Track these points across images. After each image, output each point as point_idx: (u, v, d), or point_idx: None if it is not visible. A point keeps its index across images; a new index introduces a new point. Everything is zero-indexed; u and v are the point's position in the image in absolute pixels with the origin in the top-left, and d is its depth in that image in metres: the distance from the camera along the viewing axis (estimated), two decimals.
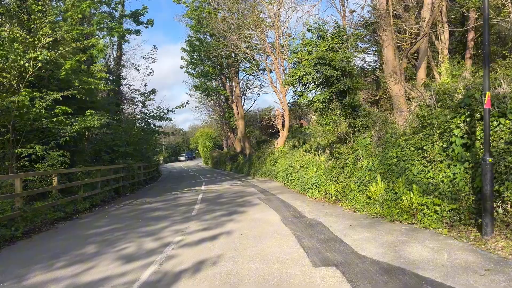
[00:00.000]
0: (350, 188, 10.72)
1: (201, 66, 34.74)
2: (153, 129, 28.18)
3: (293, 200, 12.89)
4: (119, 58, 28.38)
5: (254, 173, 27.99)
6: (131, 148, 23.76)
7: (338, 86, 12.49)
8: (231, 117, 36.95)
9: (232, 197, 14.43)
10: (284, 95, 25.61)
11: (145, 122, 27.86)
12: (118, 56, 28.35)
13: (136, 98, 28.30)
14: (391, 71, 14.60)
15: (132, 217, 10.71)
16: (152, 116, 28.03)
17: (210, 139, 60.50)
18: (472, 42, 21.36)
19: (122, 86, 28.82)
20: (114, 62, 28.34)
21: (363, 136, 11.61)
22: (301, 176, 16.36)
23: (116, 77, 28.18)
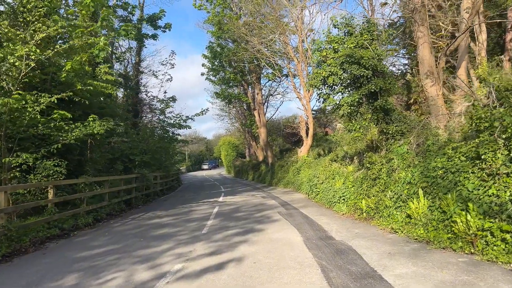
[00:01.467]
0: (385, 204, 9.19)
1: (222, 72, 33.82)
2: (171, 137, 27.25)
3: (318, 216, 11.44)
4: (138, 65, 27.71)
5: (276, 183, 26.58)
6: (148, 157, 22.86)
7: (369, 87, 11.03)
8: (253, 124, 35.74)
9: (250, 211, 13.08)
10: (308, 101, 24.21)
11: (164, 130, 26.96)
12: (136, 63, 27.69)
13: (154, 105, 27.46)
14: (428, 71, 13.04)
15: (135, 234, 9.52)
16: (170, 124, 27.13)
17: (232, 148, 59.50)
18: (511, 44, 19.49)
19: (141, 93, 28.09)
20: (132, 69, 27.68)
21: (398, 144, 10.07)
22: (326, 188, 14.86)
23: (134, 84, 27.50)
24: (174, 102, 29.07)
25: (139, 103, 28.53)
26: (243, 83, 34.29)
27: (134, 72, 27.70)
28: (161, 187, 23.42)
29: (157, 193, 21.98)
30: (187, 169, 75.06)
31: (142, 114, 29.33)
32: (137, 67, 27.71)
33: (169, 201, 18.82)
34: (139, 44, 27.14)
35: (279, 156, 36.46)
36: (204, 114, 27.89)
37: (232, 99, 35.54)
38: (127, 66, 27.99)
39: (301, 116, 26.43)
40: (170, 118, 27.22)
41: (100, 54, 9.49)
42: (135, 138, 23.41)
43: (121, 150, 21.83)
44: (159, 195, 22.04)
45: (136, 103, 27.93)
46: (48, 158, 9.95)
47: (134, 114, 27.79)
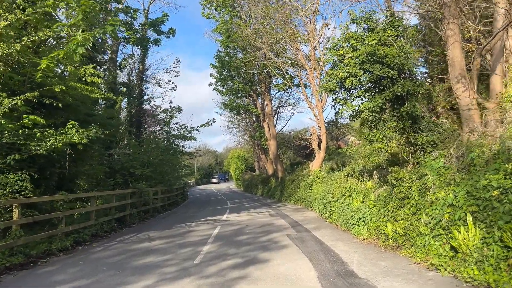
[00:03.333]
0: (418, 230, 7.45)
1: (231, 82, 32.47)
2: (176, 149, 25.81)
3: (334, 241, 9.72)
4: (142, 73, 26.47)
5: (286, 199, 24.83)
6: (150, 170, 21.39)
7: (394, 89, 9.41)
8: (262, 137, 34.15)
9: (255, 234, 11.40)
10: (321, 111, 22.58)
11: (168, 142, 25.54)
12: (140, 71, 26.45)
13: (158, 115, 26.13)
14: (459, 75, 11.41)
15: (113, 264, 7.91)
16: (174, 135, 25.71)
17: (242, 161, 57.90)
18: None
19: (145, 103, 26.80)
20: (136, 77, 26.46)
21: (432, 156, 8.35)
22: (342, 206, 13.11)
23: (138, 93, 26.26)
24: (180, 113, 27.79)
25: (143, 114, 27.24)
26: (252, 93, 32.87)
27: (137, 81, 26.46)
28: (162, 202, 21.85)
29: (157, 209, 20.41)
30: (196, 183, 73.54)
31: (146, 125, 28.01)
32: (141, 76, 26.48)
33: (168, 218, 17.21)
34: (143, 51, 25.98)
35: (290, 170, 34.73)
36: (210, 125, 26.42)
37: (240, 110, 34.08)
38: (131, 74, 26.79)
39: (313, 127, 24.81)
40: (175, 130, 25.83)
41: (78, 50, 8.06)
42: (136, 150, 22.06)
43: (121, 163, 20.47)
44: (159, 212, 20.47)
45: (140, 113, 26.65)
46: (17, 171, 8.48)
47: (137, 125, 26.52)
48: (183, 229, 12.99)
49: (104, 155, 21.37)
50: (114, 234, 12.41)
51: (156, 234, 12.03)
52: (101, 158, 21.04)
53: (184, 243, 10.07)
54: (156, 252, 9.03)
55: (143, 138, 24.40)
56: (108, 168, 20.91)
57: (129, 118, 26.82)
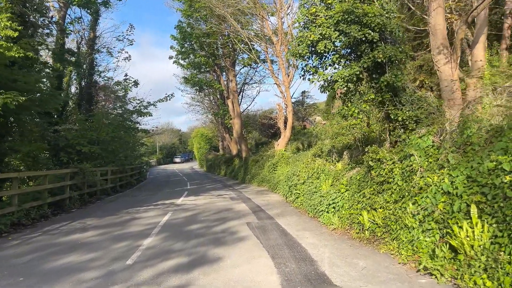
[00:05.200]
0: (404, 222, 6.14)
1: (193, 56, 30.30)
2: (130, 126, 23.67)
3: (301, 231, 8.35)
4: (92, 41, 23.86)
5: (250, 180, 23.44)
6: (99, 148, 19.30)
7: (374, 55, 7.98)
8: (226, 115, 32.42)
9: (210, 222, 9.88)
10: (287, 86, 21.09)
11: (121, 118, 23.33)
12: (91, 39, 23.82)
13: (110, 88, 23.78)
14: (441, 45, 10.18)
15: (20, 267, 6.15)
16: (128, 110, 23.54)
17: (205, 140, 55.91)
18: (509, 31, 17.01)
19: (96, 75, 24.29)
20: (86, 46, 23.83)
21: (418, 133, 7.03)
22: (309, 190, 11.80)
23: (88, 63, 23.69)
24: (136, 87, 25.51)
25: (94, 86, 24.73)
26: (215, 68, 30.87)
27: (87, 50, 23.85)
28: (113, 184, 19.86)
29: (106, 191, 18.45)
30: (158, 162, 71.01)
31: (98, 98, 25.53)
32: (91, 44, 23.86)
33: (116, 202, 15.36)
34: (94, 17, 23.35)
35: (255, 150, 33.34)
36: (169, 100, 24.47)
37: (203, 86, 32.06)
38: (80, 43, 24.10)
39: (278, 104, 23.37)
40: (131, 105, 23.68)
41: None
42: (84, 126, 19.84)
43: (67, 140, 18.27)
44: (109, 194, 18.51)
45: (90, 86, 24.14)
46: None
47: (88, 99, 24.05)
48: (128, 215, 11.26)
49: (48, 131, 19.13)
50: (43, 222, 10.50)
51: (93, 222, 10.24)
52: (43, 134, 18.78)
53: (123, 235, 8.39)
54: (84, 247, 7.31)
55: (93, 113, 22.08)
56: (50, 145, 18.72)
57: (79, 91, 24.35)
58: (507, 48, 17.44)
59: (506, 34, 17.35)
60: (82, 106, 23.64)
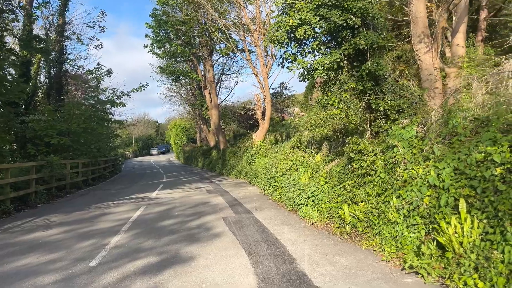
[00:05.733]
0: (387, 217, 5.84)
1: (168, 44, 29.38)
2: (103, 117, 22.79)
3: (279, 226, 8.00)
4: (62, 28, 22.70)
5: (227, 172, 23.01)
6: (68, 139, 18.45)
7: (356, 41, 7.62)
8: (203, 105, 31.75)
9: (184, 217, 9.42)
10: (266, 76, 20.65)
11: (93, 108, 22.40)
12: (60, 25, 22.66)
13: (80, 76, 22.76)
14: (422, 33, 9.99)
15: None
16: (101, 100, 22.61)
17: (182, 132, 55.03)
18: (485, 23, 17.09)
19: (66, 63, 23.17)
20: (55, 32, 22.67)
21: (402, 123, 6.73)
22: (288, 182, 11.47)
23: (57, 51, 22.57)
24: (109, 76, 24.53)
25: (64, 75, 23.62)
26: (192, 58, 30.07)
27: (56, 36, 22.69)
28: (84, 177, 19.03)
29: (77, 185, 17.66)
30: (134, 154, 69.61)
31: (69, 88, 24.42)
32: (61, 31, 22.70)
33: (86, 196, 14.65)
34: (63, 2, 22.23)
35: (233, 142, 32.85)
36: (143, 89, 23.63)
37: (179, 75, 31.19)
38: (49, 29, 22.93)
39: (257, 95, 22.92)
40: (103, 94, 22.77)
41: None
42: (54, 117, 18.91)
43: (34, 131, 17.35)
44: (80, 188, 17.72)
45: (60, 74, 23.05)
46: None
47: (57, 88, 22.96)
48: (97, 211, 10.65)
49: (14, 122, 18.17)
50: (4, 219, 9.77)
51: (59, 218, 9.61)
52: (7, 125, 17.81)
53: (89, 232, 7.83)
54: (45, 247, 6.74)
55: (64, 103, 21.09)
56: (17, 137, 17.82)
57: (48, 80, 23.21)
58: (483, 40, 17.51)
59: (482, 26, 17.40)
60: (52, 96, 22.57)
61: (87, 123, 20.69)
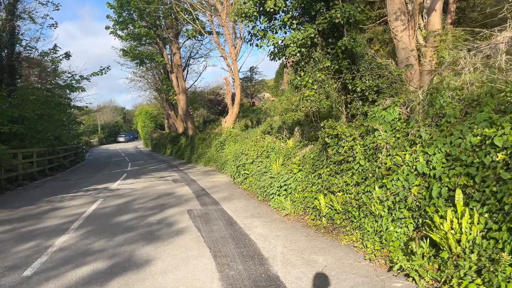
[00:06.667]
0: (368, 209, 5.22)
1: (132, 26, 27.77)
2: (60, 103, 21.26)
3: (249, 219, 7.30)
4: (13, 6, 20.80)
5: (196, 160, 22.10)
6: (21, 127, 17.02)
7: (332, 14, 6.88)
8: (170, 90, 30.47)
9: (145, 210, 8.56)
10: (235, 59, 19.72)
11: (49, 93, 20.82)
12: (10, 3, 20.76)
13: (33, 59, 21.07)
14: (398, 10, 9.41)
15: None
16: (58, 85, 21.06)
17: (150, 118, 53.30)
18: (454, 5, 16.85)
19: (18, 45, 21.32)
20: (5, 11, 20.76)
21: (383, 105, 6.10)
22: (259, 170, 10.77)
23: (8, 32, 20.71)
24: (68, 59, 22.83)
25: (17, 58, 21.80)
26: (157, 40, 28.65)
27: (7, 15, 20.80)
28: (40, 167, 17.68)
29: (32, 175, 16.33)
30: (100, 142, 67.12)
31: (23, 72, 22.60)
32: (12, 9, 20.82)
33: (40, 189, 13.45)
34: None
35: (203, 128, 31.84)
36: (104, 73, 22.10)
37: (144, 59, 29.67)
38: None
39: (225, 78, 21.96)
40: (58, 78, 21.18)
41: None
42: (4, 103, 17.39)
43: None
44: (35, 179, 16.40)
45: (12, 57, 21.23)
46: None
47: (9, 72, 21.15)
48: (48, 205, 9.60)
49: None
50: None
51: (1, 215, 8.52)
52: None
53: (33, 232, 6.86)
54: None
55: (15, 87, 19.46)
56: None
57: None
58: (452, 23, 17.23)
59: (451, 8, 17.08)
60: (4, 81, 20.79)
61: (43, 109, 19.20)
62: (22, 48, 21.12)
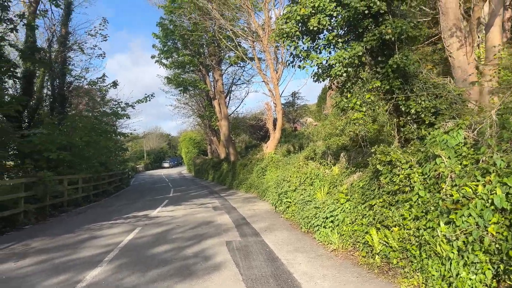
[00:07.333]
0: (433, 249, 4.47)
1: (176, 54, 28.48)
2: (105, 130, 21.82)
3: (292, 254, 6.67)
4: (64, 38, 21.93)
5: (237, 185, 21.72)
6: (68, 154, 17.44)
7: (382, 30, 6.32)
8: (213, 116, 30.64)
9: (183, 241, 8.13)
10: (276, 84, 19.44)
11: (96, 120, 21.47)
12: (62, 35, 21.90)
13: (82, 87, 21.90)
14: (453, 26, 8.75)
15: None
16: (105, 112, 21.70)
17: (193, 144, 54.08)
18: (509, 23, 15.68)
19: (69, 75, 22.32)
20: (57, 43, 21.91)
21: (444, 128, 5.37)
22: (302, 199, 10.13)
23: (60, 64, 21.76)
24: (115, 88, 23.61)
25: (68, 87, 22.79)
26: (201, 68, 29.11)
27: (59, 47, 21.92)
28: (85, 193, 17.96)
29: (76, 201, 16.56)
30: (146, 167, 68.82)
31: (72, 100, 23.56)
32: (63, 41, 21.93)
33: (82, 215, 13.50)
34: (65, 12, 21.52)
35: (244, 153, 31.62)
36: (148, 100, 22.63)
37: (187, 86, 30.18)
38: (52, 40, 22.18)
39: (267, 103, 21.71)
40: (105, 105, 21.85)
41: None
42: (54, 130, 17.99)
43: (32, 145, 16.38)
44: (80, 205, 16.60)
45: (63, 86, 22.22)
46: None
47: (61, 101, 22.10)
48: (87, 233, 9.44)
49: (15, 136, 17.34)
50: None
51: (40, 243, 8.41)
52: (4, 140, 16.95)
53: (67, 263, 6.59)
54: (4, 285, 5.52)
55: (65, 115, 20.21)
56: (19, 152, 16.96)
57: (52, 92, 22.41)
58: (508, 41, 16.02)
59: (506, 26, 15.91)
60: (55, 109, 21.74)
61: (90, 136, 19.76)
62: (72, 78, 22.08)
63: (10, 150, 17.56)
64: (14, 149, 17.66)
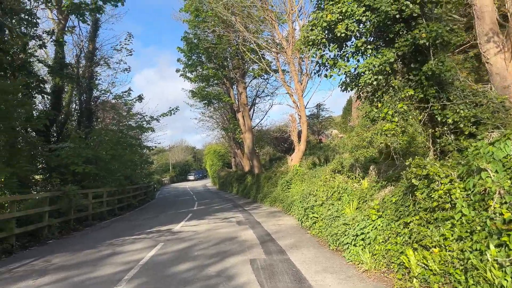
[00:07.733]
0: (481, 274, 3.97)
1: (200, 68, 28.64)
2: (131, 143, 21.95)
3: (320, 274, 6.22)
4: (92, 54, 22.37)
5: (261, 199, 21.30)
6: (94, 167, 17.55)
7: (415, 35, 5.91)
8: (237, 129, 30.50)
9: (205, 258, 7.80)
10: (301, 95, 19.08)
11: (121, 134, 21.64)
12: (89, 51, 22.34)
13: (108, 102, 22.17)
14: (490, 31, 8.17)
15: None
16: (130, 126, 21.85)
17: (218, 157, 54.09)
18: None
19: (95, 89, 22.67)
20: (85, 58, 22.35)
21: (489, 138, 4.88)
22: (330, 214, 9.66)
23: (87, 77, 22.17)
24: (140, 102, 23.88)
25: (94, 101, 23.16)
26: (225, 81, 29.14)
27: (86, 62, 22.36)
28: (110, 206, 17.98)
29: (101, 215, 16.57)
30: (171, 180, 69.32)
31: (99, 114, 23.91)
32: (91, 57, 22.37)
33: (106, 229, 13.40)
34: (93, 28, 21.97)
35: (269, 166, 31.27)
36: (173, 114, 22.77)
37: (211, 99, 30.23)
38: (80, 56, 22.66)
39: (291, 115, 21.33)
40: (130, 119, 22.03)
41: None
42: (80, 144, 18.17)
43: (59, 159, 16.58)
44: (104, 218, 16.61)
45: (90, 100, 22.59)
46: None
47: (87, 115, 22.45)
48: (108, 249, 9.25)
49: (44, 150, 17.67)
50: (2, 260, 8.58)
51: (61, 259, 8.26)
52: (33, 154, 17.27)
53: (85, 282, 6.36)
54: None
55: (91, 129, 20.46)
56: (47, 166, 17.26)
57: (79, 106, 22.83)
58: None
59: None
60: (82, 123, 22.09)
61: (115, 150, 19.91)
62: (99, 92, 22.43)
63: (38, 164, 17.88)
64: (42, 163, 17.97)
